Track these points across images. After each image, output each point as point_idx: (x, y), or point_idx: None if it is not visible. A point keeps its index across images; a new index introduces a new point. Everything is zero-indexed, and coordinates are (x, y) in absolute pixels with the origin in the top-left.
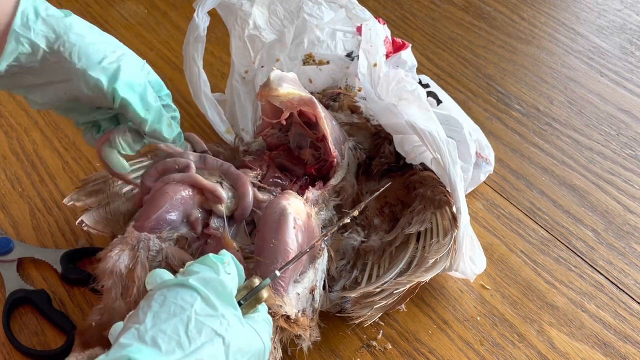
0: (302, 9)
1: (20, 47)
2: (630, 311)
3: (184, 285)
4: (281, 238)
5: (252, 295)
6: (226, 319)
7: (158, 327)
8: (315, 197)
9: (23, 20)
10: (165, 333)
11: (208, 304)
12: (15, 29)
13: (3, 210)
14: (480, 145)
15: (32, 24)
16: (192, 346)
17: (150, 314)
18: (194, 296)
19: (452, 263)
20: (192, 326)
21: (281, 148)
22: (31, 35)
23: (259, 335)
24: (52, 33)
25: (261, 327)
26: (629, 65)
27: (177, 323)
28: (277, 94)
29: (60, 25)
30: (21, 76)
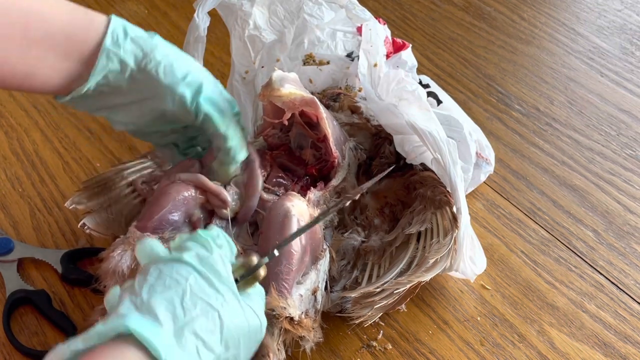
0: (302, 9)
1: (110, 64)
2: (630, 311)
3: (179, 261)
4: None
5: (249, 274)
6: (221, 295)
7: (154, 299)
8: (316, 197)
9: (113, 38)
10: (161, 304)
11: (203, 279)
12: (107, 46)
13: (3, 210)
14: (480, 145)
15: (122, 42)
16: (186, 317)
17: (146, 286)
18: (189, 271)
19: (452, 263)
20: (187, 299)
21: (282, 148)
22: (120, 52)
23: (255, 313)
24: (139, 51)
25: (257, 303)
26: (629, 65)
27: (172, 295)
28: (278, 94)
29: (147, 44)
30: (107, 96)
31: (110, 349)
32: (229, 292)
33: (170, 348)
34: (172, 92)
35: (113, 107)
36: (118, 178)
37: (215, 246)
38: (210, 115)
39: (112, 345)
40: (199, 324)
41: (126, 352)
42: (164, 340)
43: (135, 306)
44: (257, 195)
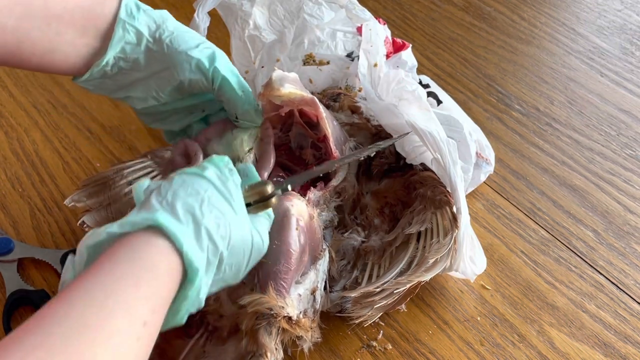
0: (302, 9)
1: (127, 35)
2: (630, 311)
3: (201, 176)
4: (284, 239)
5: (261, 201)
6: (233, 209)
7: (177, 202)
8: (316, 197)
9: (127, 11)
10: (183, 206)
11: (219, 194)
12: (122, 17)
13: (3, 210)
14: (480, 145)
15: (135, 14)
16: (204, 219)
17: (171, 190)
18: (208, 185)
19: (452, 263)
20: (205, 206)
21: (282, 148)
22: (135, 23)
23: (259, 233)
24: (152, 23)
25: (262, 225)
26: (629, 65)
27: (192, 201)
28: (278, 93)
29: (158, 17)
30: (125, 73)
31: (142, 235)
32: (239, 207)
33: (190, 242)
34: (188, 57)
35: (131, 85)
36: (118, 177)
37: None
38: (227, 78)
39: (143, 233)
40: (213, 227)
41: (155, 239)
42: (186, 235)
43: (161, 205)
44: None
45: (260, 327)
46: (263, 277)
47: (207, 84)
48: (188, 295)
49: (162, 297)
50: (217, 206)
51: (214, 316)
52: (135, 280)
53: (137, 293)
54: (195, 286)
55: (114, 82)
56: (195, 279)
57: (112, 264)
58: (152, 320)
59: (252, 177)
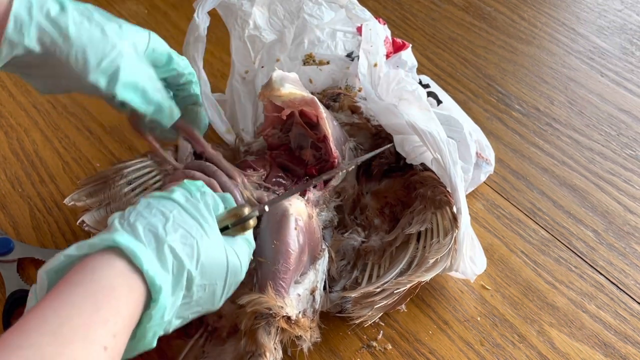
0: (302, 9)
1: (15, 51)
2: (630, 311)
3: (167, 198)
4: (282, 239)
5: (238, 223)
6: (202, 228)
7: (139, 222)
8: (316, 197)
9: (16, 25)
10: (145, 226)
11: (187, 213)
12: (7, 36)
13: (3, 210)
14: (480, 145)
15: (26, 29)
16: (167, 237)
17: (134, 212)
18: (174, 206)
19: (452, 263)
20: (169, 225)
21: (282, 148)
22: (24, 40)
23: (236, 254)
24: (46, 37)
25: (240, 246)
26: (629, 65)
27: (156, 221)
28: (279, 93)
29: (56, 26)
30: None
31: (100, 257)
32: (210, 228)
33: (150, 261)
34: (83, 80)
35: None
36: (118, 177)
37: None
38: (129, 101)
39: (101, 254)
40: (178, 245)
41: (114, 260)
42: (146, 254)
43: (122, 226)
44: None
45: (259, 327)
46: (262, 277)
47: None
48: (152, 316)
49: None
50: (184, 226)
51: (213, 316)
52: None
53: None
54: (159, 305)
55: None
56: (158, 298)
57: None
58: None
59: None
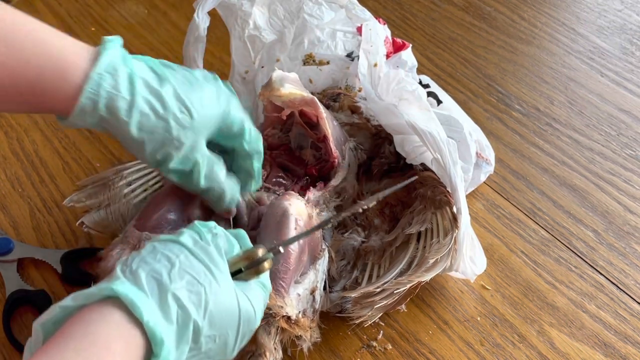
0: (302, 9)
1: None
2: (631, 311)
3: (174, 241)
4: (282, 239)
5: (252, 266)
6: (211, 274)
7: (142, 268)
8: (316, 197)
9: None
10: (148, 273)
11: (194, 257)
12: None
13: (3, 210)
14: (481, 145)
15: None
16: (171, 285)
17: (138, 258)
18: (182, 249)
19: (452, 263)
20: (175, 271)
21: (282, 148)
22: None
23: (249, 300)
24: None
25: (254, 292)
26: (629, 65)
27: (160, 267)
28: (278, 93)
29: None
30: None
31: (97, 308)
32: (220, 273)
33: (153, 312)
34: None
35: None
36: (117, 178)
37: (210, 234)
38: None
39: (99, 305)
40: (183, 293)
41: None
42: (147, 304)
43: (124, 273)
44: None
45: (259, 326)
46: None
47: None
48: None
49: None
50: (191, 272)
51: None
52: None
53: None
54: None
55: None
56: (160, 352)
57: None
58: None
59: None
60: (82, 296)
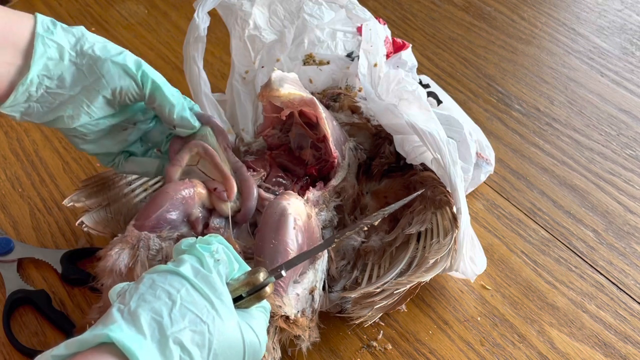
0: (302, 9)
1: (48, 50)
2: (631, 311)
3: (174, 272)
4: (281, 238)
5: (253, 291)
6: (214, 308)
7: (141, 308)
8: (315, 197)
9: (44, 27)
10: (147, 314)
11: (197, 291)
12: (40, 32)
13: (3, 210)
14: (481, 145)
15: (53, 29)
16: (173, 328)
17: (136, 295)
18: (183, 283)
19: (452, 263)
20: (176, 310)
21: (282, 148)
22: (54, 37)
23: (253, 330)
24: (71, 36)
25: (257, 320)
26: (629, 65)
27: (161, 305)
28: (278, 94)
29: (76, 31)
30: (51, 93)
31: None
32: (223, 306)
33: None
34: (114, 64)
35: (59, 105)
36: (117, 177)
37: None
38: (156, 81)
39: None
40: (185, 335)
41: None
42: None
43: (122, 315)
44: (254, 197)
45: None
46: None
47: (137, 91)
48: None
49: None
50: (193, 308)
51: None
52: None
53: None
54: None
55: (40, 105)
56: None
57: None
58: None
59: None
60: (76, 344)
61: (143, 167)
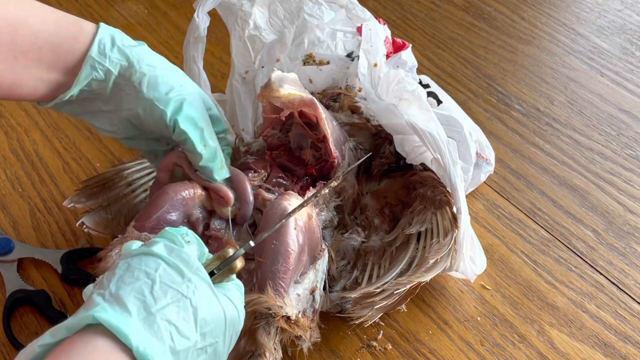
0: (302, 9)
1: (94, 73)
2: (630, 311)
3: (148, 254)
4: (282, 239)
5: (225, 265)
6: (192, 283)
7: (122, 290)
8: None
9: (100, 48)
10: (130, 294)
11: (173, 269)
12: (92, 55)
13: (3, 210)
14: (481, 145)
15: (108, 52)
16: (157, 305)
17: (114, 279)
18: (158, 262)
19: (452, 263)
20: (157, 287)
21: (281, 148)
22: (106, 62)
23: (232, 302)
24: (125, 61)
25: (234, 294)
26: (629, 65)
27: (141, 285)
28: (277, 94)
29: (134, 55)
30: (90, 101)
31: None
32: (200, 280)
33: (141, 335)
34: (151, 106)
35: (94, 113)
36: (118, 178)
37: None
38: (187, 134)
39: (80, 336)
40: (170, 311)
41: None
42: (134, 327)
43: (103, 298)
44: (250, 205)
45: (259, 326)
46: (261, 277)
47: (169, 133)
48: None
49: None
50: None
51: None
52: None
53: None
54: None
55: (78, 108)
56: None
57: None
58: None
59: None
60: (62, 329)
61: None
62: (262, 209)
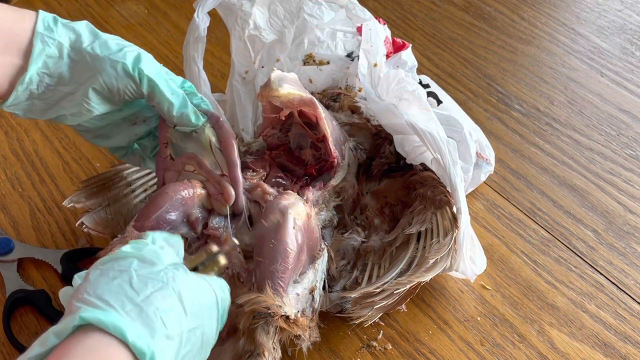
0: (302, 9)
1: (47, 48)
2: (630, 311)
3: (117, 257)
4: (280, 238)
5: (209, 260)
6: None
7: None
8: (315, 197)
9: (45, 24)
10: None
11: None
12: (39, 30)
13: (3, 210)
14: (481, 145)
15: (53, 27)
16: (140, 296)
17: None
18: (130, 260)
19: (452, 263)
20: (135, 280)
21: (281, 148)
22: (54, 35)
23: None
24: (71, 33)
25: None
26: (629, 65)
27: (119, 282)
28: (277, 94)
29: (78, 27)
30: (52, 89)
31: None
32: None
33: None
34: (111, 62)
35: (60, 101)
36: (117, 178)
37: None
38: (153, 79)
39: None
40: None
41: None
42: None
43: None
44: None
45: (258, 326)
46: (260, 276)
47: (136, 89)
48: None
49: None
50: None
51: None
52: None
53: None
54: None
55: (42, 102)
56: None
57: None
58: None
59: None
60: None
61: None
62: (261, 203)
